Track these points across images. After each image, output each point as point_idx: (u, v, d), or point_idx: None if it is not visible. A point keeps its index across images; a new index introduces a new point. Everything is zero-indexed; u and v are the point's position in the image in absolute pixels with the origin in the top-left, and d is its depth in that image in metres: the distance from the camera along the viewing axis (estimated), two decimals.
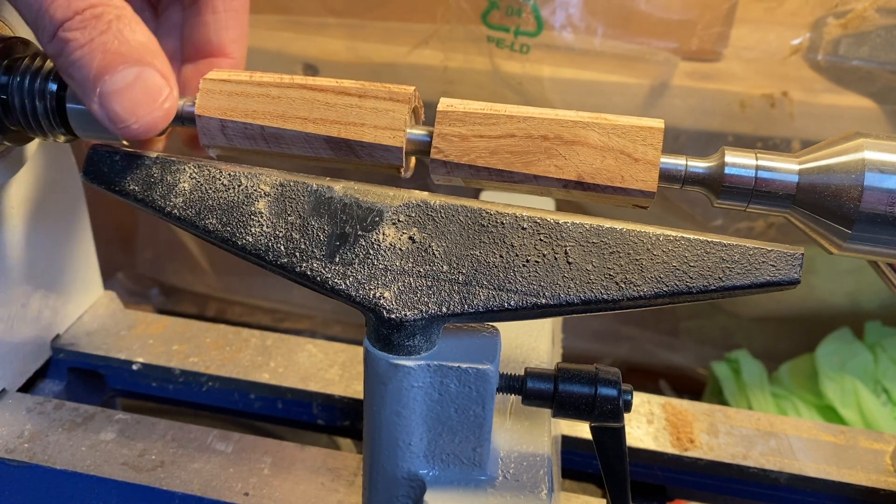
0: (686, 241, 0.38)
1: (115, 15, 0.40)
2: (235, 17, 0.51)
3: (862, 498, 0.57)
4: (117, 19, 0.40)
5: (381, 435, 0.42)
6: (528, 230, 0.40)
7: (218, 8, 0.51)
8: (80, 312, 0.68)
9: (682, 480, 0.59)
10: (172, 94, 0.42)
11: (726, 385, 0.95)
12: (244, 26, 0.52)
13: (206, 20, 0.51)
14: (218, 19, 0.51)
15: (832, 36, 0.76)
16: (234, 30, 0.51)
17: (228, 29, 0.51)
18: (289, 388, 0.62)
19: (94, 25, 0.40)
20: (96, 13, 0.40)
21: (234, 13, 0.51)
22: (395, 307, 0.39)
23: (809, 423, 0.62)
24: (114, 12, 0.40)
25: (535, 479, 0.43)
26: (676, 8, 0.78)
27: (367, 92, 0.43)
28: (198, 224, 0.42)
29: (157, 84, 0.41)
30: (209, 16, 0.51)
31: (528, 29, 0.79)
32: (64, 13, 0.39)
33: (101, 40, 0.40)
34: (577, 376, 0.42)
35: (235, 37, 0.51)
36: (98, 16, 0.40)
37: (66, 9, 0.39)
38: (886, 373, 0.89)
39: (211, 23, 0.51)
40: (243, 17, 0.52)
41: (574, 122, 0.41)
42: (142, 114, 0.41)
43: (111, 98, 0.40)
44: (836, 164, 0.39)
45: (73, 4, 0.40)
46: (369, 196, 0.41)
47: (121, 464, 0.54)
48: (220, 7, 0.51)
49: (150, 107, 0.41)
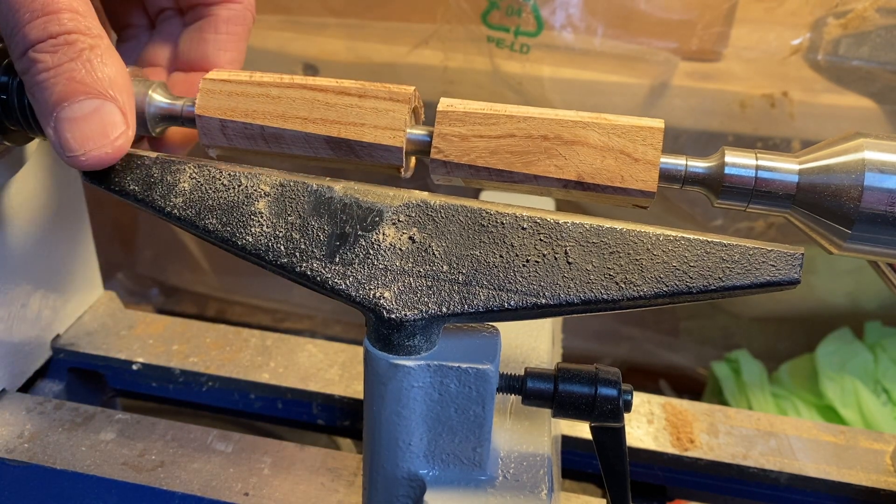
0: (686, 241, 0.38)
1: (88, 45, 0.40)
2: (235, 40, 0.51)
3: (862, 498, 0.57)
4: (90, 49, 0.40)
5: (381, 435, 0.42)
6: (528, 230, 0.40)
7: (220, 29, 0.50)
8: (80, 312, 0.68)
9: (682, 480, 0.59)
10: (127, 133, 0.42)
11: (726, 385, 0.95)
12: (242, 50, 0.52)
13: (205, 38, 0.51)
14: (218, 39, 0.51)
15: (832, 36, 0.76)
16: (231, 52, 0.51)
17: (227, 51, 0.51)
18: (289, 388, 0.62)
19: (64, 52, 0.40)
20: (70, 40, 0.40)
21: (234, 36, 0.51)
22: (395, 307, 0.39)
23: (809, 423, 0.62)
24: (88, 42, 0.40)
25: (535, 479, 0.43)
26: (676, 8, 0.78)
27: (367, 92, 0.43)
28: (198, 224, 0.42)
29: (114, 121, 0.41)
30: (210, 35, 0.50)
31: (528, 29, 0.79)
32: (38, 34, 0.39)
33: (69, 67, 0.40)
34: (577, 376, 0.42)
35: (232, 59, 0.51)
36: (71, 42, 0.40)
37: (41, 30, 0.39)
38: (886, 373, 0.89)
39: (210, 41, 0.50)
40: (242, 42, 0.52)
41: (574, 122, 0.41)
42: (91, 147, 0.40)
43: (64, 125, 0.40)
44: (836, 164, 0.39)
45: (48, 27, 0.39)
46: (369, 196, 0.41)
47: (121, 464, 0.54)
48: (223, 28, 0.50)
49: (100, 141, 0.40)
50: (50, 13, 0.39)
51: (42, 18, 0.39)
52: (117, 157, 0.42)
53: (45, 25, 0.39)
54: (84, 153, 0.40)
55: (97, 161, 0.41)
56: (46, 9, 0.39)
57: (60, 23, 0.40)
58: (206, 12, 0.51)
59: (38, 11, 0.39)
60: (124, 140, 0.42)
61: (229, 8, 0.50)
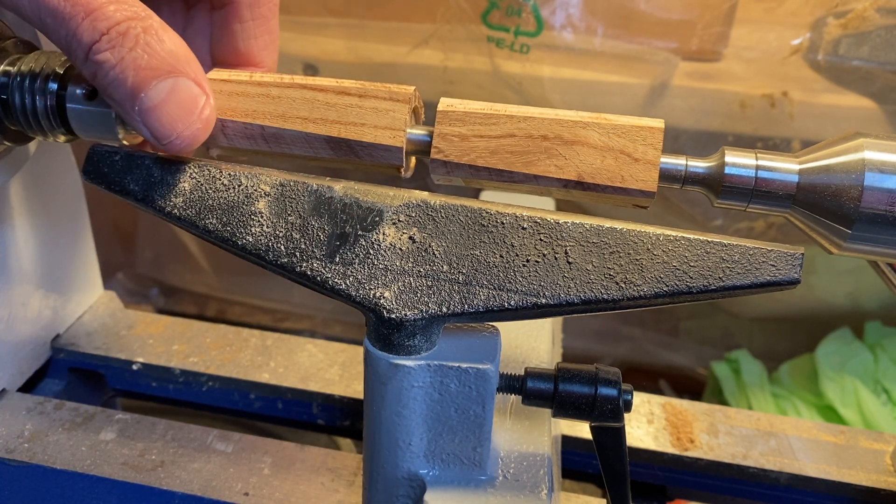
0: (686, 241, 0.38)
1: (141, 28, 0.39)
2: (264, 24, 0.49)
3: (862, 498, 0.57)
4: (144, 31, 0.39)
5: (381, 435, 0.42)
6: (528, 230, 0.40)
7: (245, 17, 0.49)
8: (80, 312, 0.68)
9: (682, 480, 0.59)
10: (209, 102, 0.41)
11: (726, 385, 0.95)
12: (274, 32, 0.50)
13: (233, 29, 0.49)
14: (245, 28, 0.49)
15: (832, 36, 0.76)
16: (262, 38, 0.49)
17: (257, 38, 0.49)
18: (289, 388, 0.62)
19: (121, 43, 0.39)
20: (121, 30, 0.39)
21: (262, 20, 0.49)
22: (396, 307, 0.39)
23: (809, 423, 0.62)
24: (140, 25, 0.39)
25: (535, 479, 0.43)
26: (676, 8, 0.79)
27: (368, 92, 0.43)
28: (198, 224, 0.42)
29: (193, 93, 0.40)
30: (236, 25, 0.49)
31: (528, 29, 0.79)
32: (90, 35, 0.39)
33: (131, 56, 0.39)
34: (577, 376, 0.42)
35: (264, 44, 0.50)
36: (124, 32, 0.39)
37: (92, 31, 0.39)
38: (886, 373, 0.89)
39: (238, 32, 0.49)
40: (272, 24, 0.50)
41: (574, 122, 0.41)
42: (181, 128, 0.40)
43: (149, 116, 0.39)
44: (836, 164, 0.39)
45: (97, 25, 0.38)
46: (369, 196, 0.41)
47: (121, 464, 0.54)
48: (247, 15, 0.49)
49: (188, 119, 0.40)
50: (95, 9, 0.38)
51: (88, 19, 0.38)
52: (209, 130, 0.42)
53: (94, 24, 0.38)
54: (177, 135, 0.40)
55: (192, 139, 0.41)
56: (89, 8, 0.38)
57: (107, 17, 0.39)
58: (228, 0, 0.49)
59: (81, 14, 0.38)
60: (209, 110, 0.41)
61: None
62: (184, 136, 0.40)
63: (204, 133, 0.41)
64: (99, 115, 0.44)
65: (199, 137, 0.41)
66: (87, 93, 0.44)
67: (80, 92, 0.44)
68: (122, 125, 0.45)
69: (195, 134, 0.41)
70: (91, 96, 0.44)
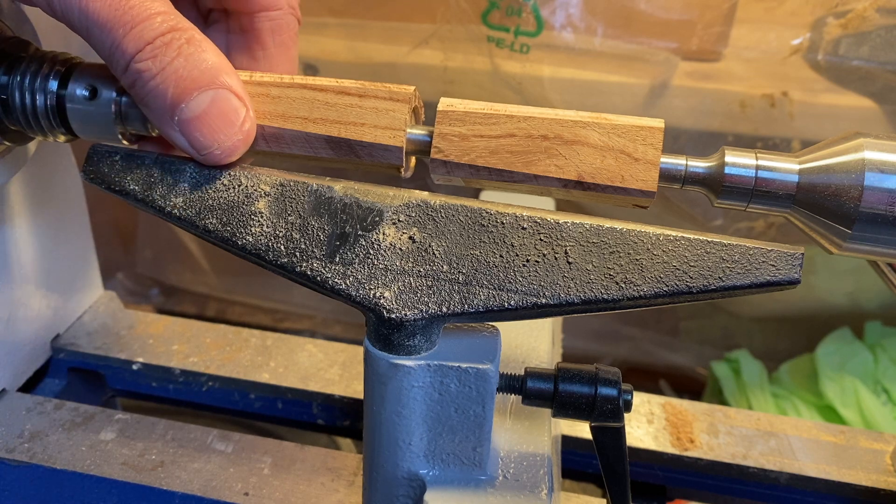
0: (686, 241, 0.38)
1: (184, 39, 0.39)
2: (286, 52, 0.49)
3: (862, 498, 0.57)
4: (187, 43, 0.39)
5: (381, 435, 0.42)
6: (528, 230, 0.40)
7: (267, 44, 0.49)
8: (80, 312, 0.68)
9: (682, 480, 0.59)
10: (249, 115, 0.41)
11: (726, 385, 0.95)
12: (294, 60, 0.50)
13: (255, 56, 0.49)
14: (268, 55, 0.49)
15: (832, 36, 0.76)
16: (284, 64, 0.49)
17: (280, 63, 0.49)
18: (289, 388, 0.62)
19: (164, 52, 0.39)
20: (165, 41, 0.39)
21: (283, 48, 0.49)
22: (395, 307, 0.39)
23: (809, 423, 0.62)
24: (183, 37, 0.40)
25: (535, 479, 0.43)
26: (676, 8, 0.78)
27: (368, 92, 0.43)
28: (198, 224, 0.42)
29: (234, 105, 0.40)
30: (258, 52, 0.49)
31: (528, 29, 0.79)
32: (136, 45, 0.39)
33: (173, 67, 0.39)
34: (577, 376, 0.42)
35: (286, 70, 0.49)
36: (168, 43, 0.39)
37: (138, 40, 0.39)
38: (886, 373, 0.89)
39: (260, 58, 0.49)
40: (293, 50, 0.50)
41: (574, 121, 0.41)
42: (222, 139, 0.40)
43: (190, 126, 0.40)
44: (836, 163, 0.39)
45: (144, 35, 0.39)
46: (369, 196, 0.41)
47: (121, 464, 0.54)
48: (270, 42, 0.49)
49: (228, 131, 0.40)
50: (141, 21, 0.39)
51: (136, 29, 0.39)
52: (249, 142, 0.42)
53: (141, 34, 0.39)
54: (217, 146, 0.40)
55: (231, 151, 0.41)
56: (137, 18, 0.39)
57: (153, 27, 0.39)
58: (249, 25, 0.49)
59: (129, 24, 0.39)
60: (250, 123, 0.41)
61: (271, 18, 0.48)
62: (224, 148, 0.41)
63: (244, 145, 0.42)
64: (99, 115, 0.44)
65: (238, 149, 0.41)
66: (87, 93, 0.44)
67: (80, 92, 0.44)
68: (121, 125, 0.45)
69: (235, 145, 0.41)
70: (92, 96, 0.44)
